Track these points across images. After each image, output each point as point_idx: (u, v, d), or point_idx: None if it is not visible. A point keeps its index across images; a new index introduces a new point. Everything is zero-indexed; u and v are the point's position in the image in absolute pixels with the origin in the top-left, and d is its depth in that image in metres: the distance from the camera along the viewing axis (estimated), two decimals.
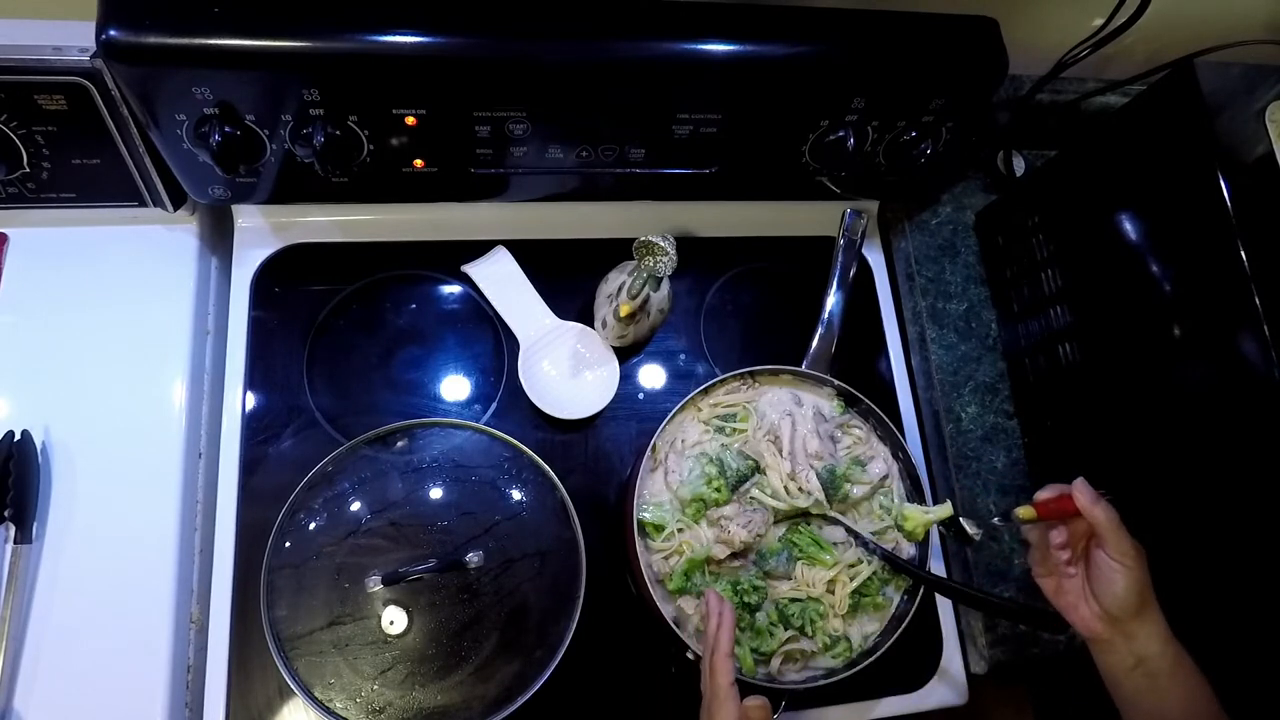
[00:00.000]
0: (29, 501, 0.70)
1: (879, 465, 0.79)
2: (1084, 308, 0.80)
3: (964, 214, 0.99)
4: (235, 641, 0.73)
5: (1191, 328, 0.67)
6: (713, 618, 0.62)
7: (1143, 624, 0.62)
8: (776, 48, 0.70)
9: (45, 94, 0.65)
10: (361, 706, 0.65)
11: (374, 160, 0.73)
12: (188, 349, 0.79)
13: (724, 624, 0.61)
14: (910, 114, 0.76)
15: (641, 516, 0.73)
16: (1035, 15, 0.84)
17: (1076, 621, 0.65)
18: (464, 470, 0.73)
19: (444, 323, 0.86)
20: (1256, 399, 0.62)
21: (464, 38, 0.65)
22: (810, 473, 0.75)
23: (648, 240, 0.73)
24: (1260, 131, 0.63)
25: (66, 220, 0.78)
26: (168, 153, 0.70)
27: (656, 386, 0.88)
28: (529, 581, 0.70)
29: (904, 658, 0.75)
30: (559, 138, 0.74)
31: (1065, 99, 0.93)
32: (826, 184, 0.86)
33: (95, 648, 0.69)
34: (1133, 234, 0.73)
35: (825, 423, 0.79)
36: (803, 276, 0.93)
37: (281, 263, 0.85)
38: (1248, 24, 0.88)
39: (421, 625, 0.67)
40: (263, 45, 0.62)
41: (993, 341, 0.93)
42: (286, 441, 0.79)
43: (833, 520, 0.76)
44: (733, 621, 0.62)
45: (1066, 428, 0.84)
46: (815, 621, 0.73)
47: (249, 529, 0.75)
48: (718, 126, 0.75)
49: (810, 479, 0.75)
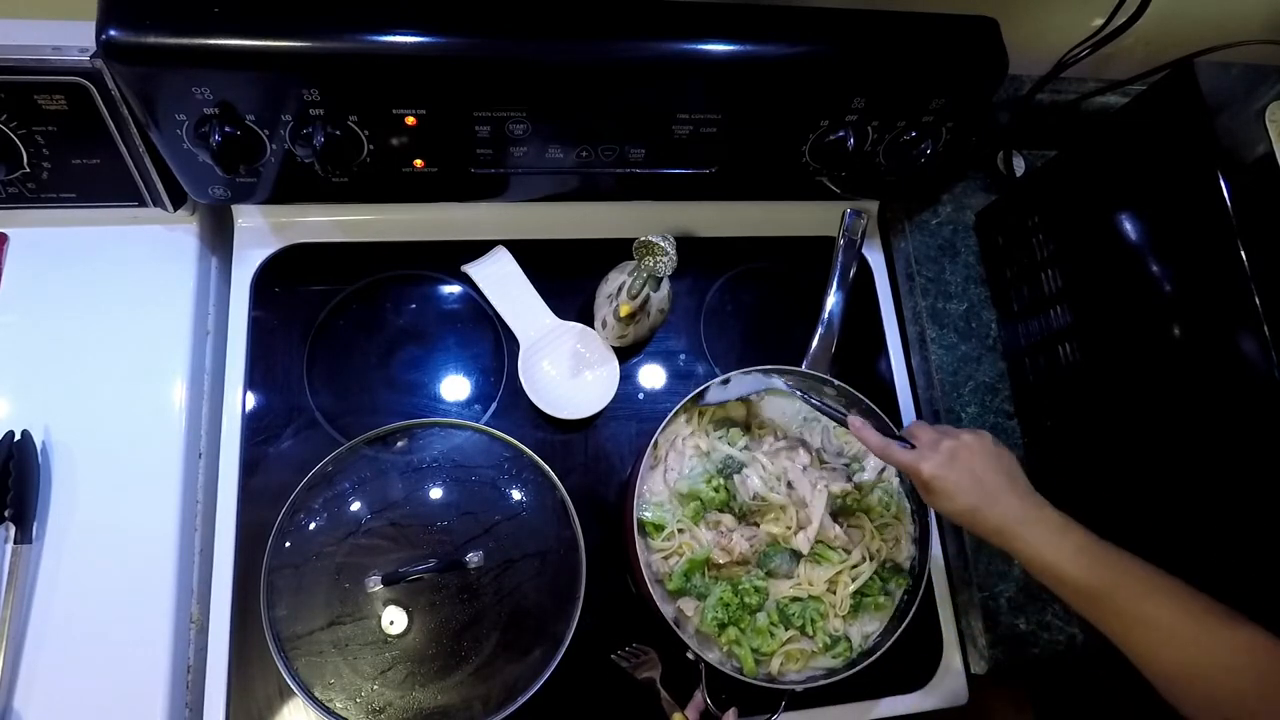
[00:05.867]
0: (29, 501, 0.70)
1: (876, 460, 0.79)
2: (1084, 308, 0.80)
3: (964, 214, 0.99)
4: (235, 641, 0.73)
5: (1191, 328, 0.67)
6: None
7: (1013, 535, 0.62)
8: (776, 48, 0.70)
9: (45, 94, 0.65)
10: (361, 706, 0.65)
11: (374, 160, 0.73)
12: (188, 349, 0.79)
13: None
14: (910, 114, 0.76)
15: (642, 516, 0.74)
16: (1035, 15, 0.84)
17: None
18: (464, 470, 0.73)
19: (444, 323, 0.86)
20: (1256, 399, 0.62)
21: (464, 38, 0.65)
22: (816, 526, 0.74)
23: (648, 240, 0.73)
24: (1260, 131, 0.63)
25: (66, 220, 0.78)
26: (168, 153, 0.70)
27: (656, 386, 0.88)
28: (529, 581, 0.70)
29: (904, 658, 0.75)
30: (559, 138, 0.74)
31: (1065, 99, 0.93)
32: (826, 184, 0.86)
33: (95, 648, 0.69)
34: (1133, 234, 0.73)
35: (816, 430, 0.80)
36: (803, 276, 0.93)
37: (281, 263, 0.85)
38: (1248, 24, 0.88)
39: (421, 625, 0.67)
40: (263, 45, 0.62)
41: (993, 341, 0.93)
42: (286, 441, 0.79)
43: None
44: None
45: (1066, 428, 0.84)
46: (816, 621, 0.73)
47: (249, 529, 0.75)
48: (718, 127, 0.75)
49: (812, 531, 0.74)
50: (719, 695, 0.72)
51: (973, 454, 0.65)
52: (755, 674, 0.71)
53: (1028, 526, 0.62)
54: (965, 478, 0.64)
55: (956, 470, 0.64)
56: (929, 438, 0.68)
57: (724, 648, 0.72)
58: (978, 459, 0.65)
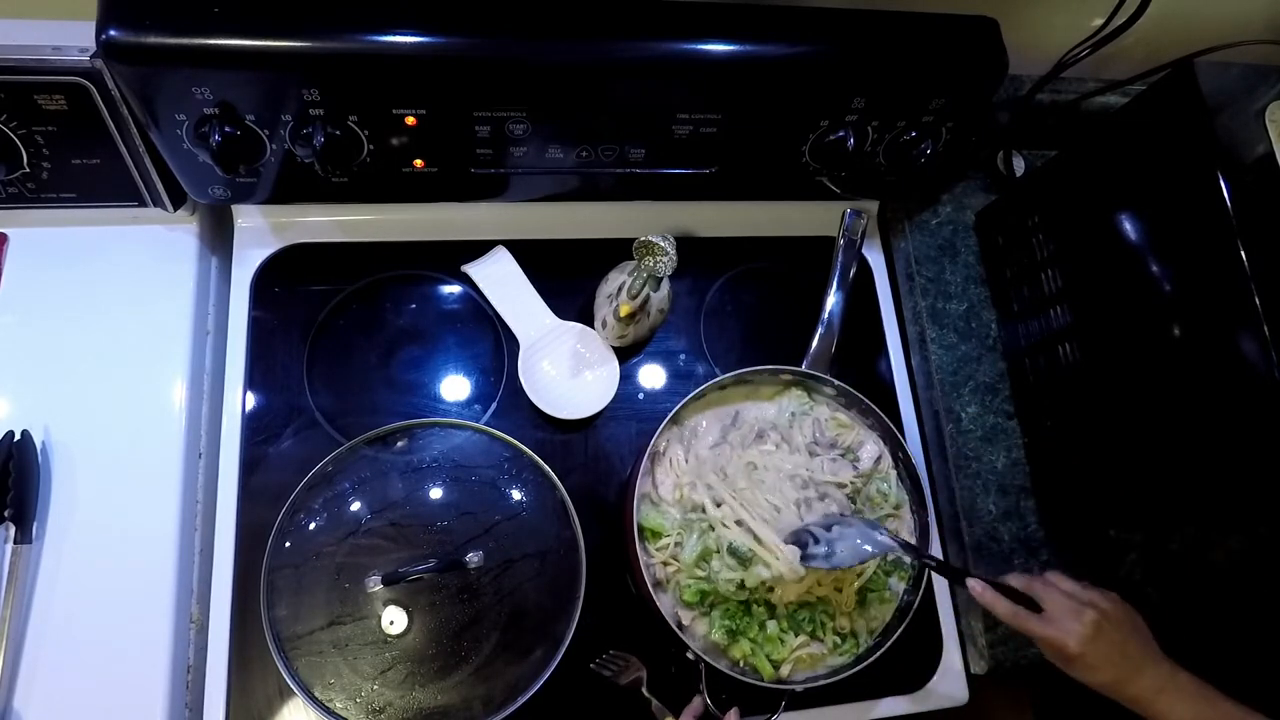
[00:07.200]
0: (29, 501, 0.70)
1: (870, 448, 0.79)
2: (1084, 308, 0.80)
3: (964, 214, 0.99)
4: (235, 641, 0.73)
5: (1191, 328, 0.66)
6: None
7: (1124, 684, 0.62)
8: (776, 48, 0.70)
9: (45, 94, 0.65)
10: (361, 706, 0.65)
11: (374, 160, 0.73)
12: (188, 349, 0.79)
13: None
14: (910, 114, 0.76)
15: (641, 521, 0.73)
16: (1035, 15, 0.84)
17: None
18: (464, 470, 0.73)
19: (444, 323, 0.86)
20: (1256, 399, 0.62)
21: (464, 38, 0.65)
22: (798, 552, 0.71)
23: (648, 240, 0.73)
24: (1260, 131, 0.63)
25: (66, 220, 0.78)
26: (168, 153, 0.70)
27: (656, 386, 0.88)
28: (529, 581, 0.70)
29: (904, 658, 0.75)
30: (559, 138, 0.74)
31: (1065, 99, 0.93)
32: (826, 184, 0.86)
33: (95, 648, 0.69)
34: (1133, 234, 0.73)
35: (798, 432, 0.79)
36: (803, 276, 0.93)
37: (281, 263, 0.85)
38: (1248, 24, 0.88)
39: (421, 625, 0.67)
40: (263, 45, 0.62)
41: (993, 341, 0.93)
42: (286, 441, 0.79)
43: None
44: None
45: (1066, 428, 0.84)
46: (825, 624, 0.73)
47: (249, 529, 0.75)
48: (718, 126, 0.75)
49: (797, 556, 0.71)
50: (719, 695, 0.72)
51: (1114, 624, 0.64)
52: (773, 677, 0.71)
53: (1169, 695, 0.62)
54: (1112, 651, 0.63)
55: (1101, 644, 0.63)
56: (1063, 605, 0.64)
57: (739, 661, 0.72)
58: (1119, 629, 0.64)
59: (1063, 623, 0.63)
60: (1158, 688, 0.62)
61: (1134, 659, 0.63)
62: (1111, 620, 0.64)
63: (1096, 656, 0.63)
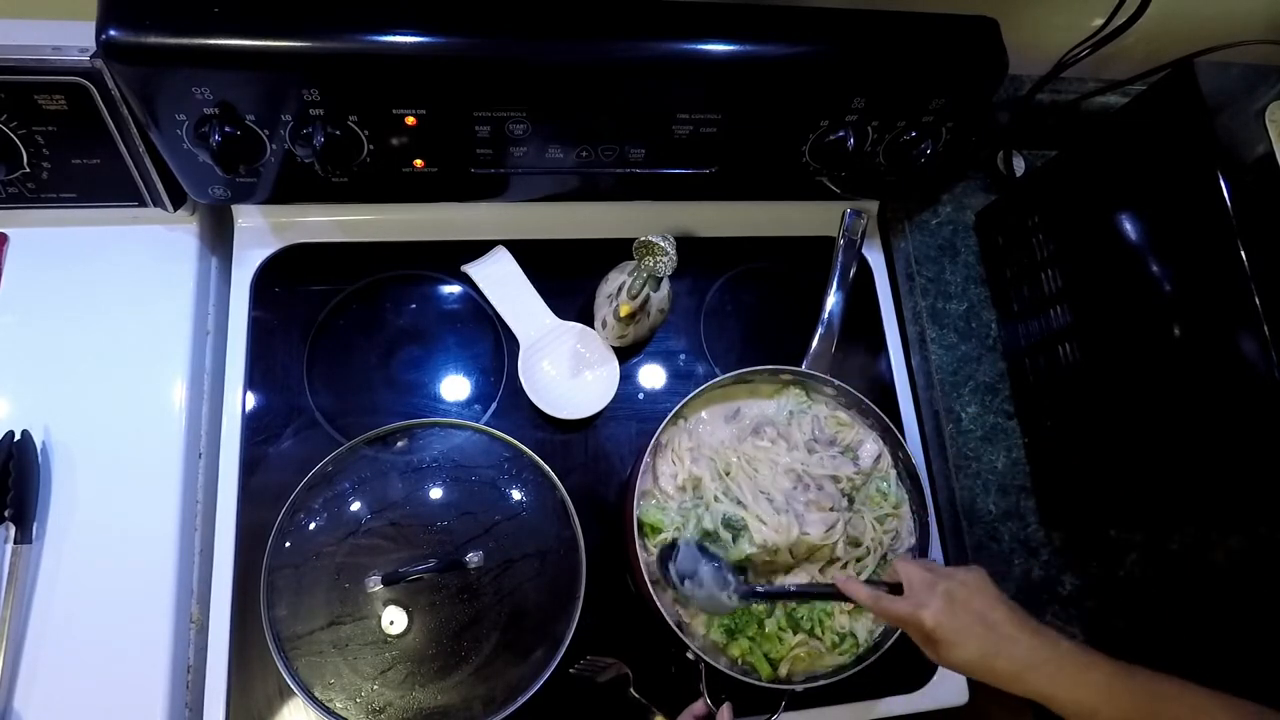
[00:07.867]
0: (29, 501, 0.70)
1: (870, 447, 0.79)
2: (1084, 308, 0.80)
3: (964, 214, 0.99)
4: (235, 641, 0.73)
5: (1191, 328, 0.66)
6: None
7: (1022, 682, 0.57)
8: (776, 48, 0.70)
9: (45, 94, 0.65)
10: (361, 706, 0.65)
11: (374, 160, 0.73)
12: (188, 349, 0.79)
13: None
14: (910, 114, 0.76)
15: (641, 516, 0.73)
16: (1035, 15, 0.84)
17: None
18: (464, 470, 0.73)
19: (444, 323, 0.86)
20: (1256, 399, 0.62)
21: (464, 38, 0.65)
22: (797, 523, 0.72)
23: (648, 240, 0.73)
24: (1260, 131, 0.63)
25: (66, 220, 0.78)
26: (168, 153, 0.70)
27: (656, 386, 0.88)
28: (529, 581, 0.70)
29: (904, 658, 0.75)
30: (559, 138, 0.74)
31: (1065, 99, 0.93)
32: (826, 184, 0.86)
33: (95, 648, 0.69)
34: (1133, 234, 0.73)
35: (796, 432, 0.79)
36: (803, 276, 0.93)
37: (281, 263, 0.85)
38: (1248, 24, 0.88)
39: (421, 625, 0.67)
40: (263, 45, 0.62)
41: (993, 341, 0.93)
42: (286, 441, 0.79)
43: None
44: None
45: (1066, 428, 0.84)
46: (824, 622, 0.73)
47: (249, 529, 0.75)
48: (718, 126, 0.75)
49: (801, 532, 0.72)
50: (719, 695, 0.72)
51: (972, 593, 0.59)
52: (773, 677, 0.71)
53: (1050, 667, 0.56)
54: (972, 621, 0.58)
55: (959, 615, 0.58)
56: (920, 578, 0.62)
57: (737, 659, 0.72)
58: (978, 598, 0.59)
59: (918, 598, 0.60)
60: (1032, 661, 0.56)
61: (1000, 628, 0.57)
62: (970, 589, 0.59)
63: (956, 629, 0.58)
